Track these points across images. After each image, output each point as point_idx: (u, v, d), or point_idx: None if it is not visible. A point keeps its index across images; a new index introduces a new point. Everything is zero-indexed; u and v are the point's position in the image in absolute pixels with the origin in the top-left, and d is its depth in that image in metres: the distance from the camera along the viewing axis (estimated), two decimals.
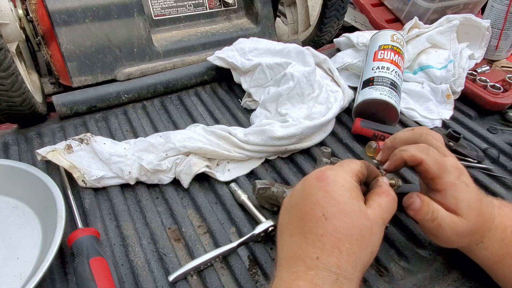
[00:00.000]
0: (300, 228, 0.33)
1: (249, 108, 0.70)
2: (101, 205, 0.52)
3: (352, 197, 0.34)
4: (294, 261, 0.32)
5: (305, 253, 0.32)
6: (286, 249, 0.34)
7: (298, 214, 0.34)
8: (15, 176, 0.51)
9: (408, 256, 0.46)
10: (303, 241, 0.32)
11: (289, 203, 0.36)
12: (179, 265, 0.44)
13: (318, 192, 0.33)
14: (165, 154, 0.53)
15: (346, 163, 0.37)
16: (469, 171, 0.58)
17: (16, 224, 0.48)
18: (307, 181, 0.35)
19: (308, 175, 0.36)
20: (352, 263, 0.32)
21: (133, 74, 0.70)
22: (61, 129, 0.63)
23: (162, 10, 0.75)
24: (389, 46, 0.69)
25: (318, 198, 0.33)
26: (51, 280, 0.43)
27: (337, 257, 0.31)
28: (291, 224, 0.34)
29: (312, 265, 0.31)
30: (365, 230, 0.33)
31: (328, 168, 0.36)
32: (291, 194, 0.37)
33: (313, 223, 0.32)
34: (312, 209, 0.33)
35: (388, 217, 0.37)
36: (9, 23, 0.62)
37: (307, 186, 0.35)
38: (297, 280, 0.31)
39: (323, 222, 0.32)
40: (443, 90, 0.70)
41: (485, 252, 0.40)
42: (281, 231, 0.36)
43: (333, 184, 0.34)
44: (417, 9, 0.90)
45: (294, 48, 0.67)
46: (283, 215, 0.37)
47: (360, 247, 0.32)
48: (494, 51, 0.82)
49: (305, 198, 0.34)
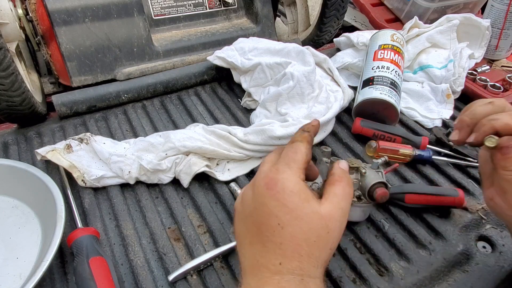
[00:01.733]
0: (259, 238, 0.33)
1: (249, 108, 0.70)
2: (101, 204, 0.52)
3: (302, 200, 0.34)
4: (258, 269, 0.33)
5: (268, 261, 0.32)
6: (248, 258, 0.34)
7: (255, 224, 0.34)
8: (15, 176, 0.51)
9: (408, 256, 0.46)
10: (264, 249, 0.33)
11: (242, 211, 0.36)
12: (179, 264, 0.44)
13: (270, 202, 0.33)
14: (165, 153, 0.53)
15: (292, 159, 0.36)
16: (469, 170, 0.59)
17: (16, 223, 0.48)
18: (257, 190, 0.35)
19: (257, 180, 0.36)
20: (313, 263, 0.33)
21: (133, 73, 0.70)
22: (61, 128, 0.63)
23: (162, 9, 0.75)
24: (389, 45, 0.69)
25: (271, 208, 0.33)
26: (50, 280, 0.43)
27: (299, 261, 0.32)
28: (249, 234, 0.35)
29: (276, 270, 0.32)
30: (321, 230, 0.33)
31: (275, 171, 0.35)
32: (242, 201, 0.37)
33: (271, 233, 0.33)
34: (268, 219, 0.33)
35: (347, 204, 0.37)
36: (9, 22, 0.62)
37: (258, 195, 0.35)
38: (264, 286, 0.31)
39: (279, 231, 0.33)
40: (443, 89, 0.69)
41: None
42: (240, 240, 0.36)
43: (282, 192, 0.34)
44: (417, 9, 0.90)
45: (294, 47, 0.67)
46: (238, 223, 0.37)
47: (319, 247, 0.33)
48: (494, 51, 0.82)
49: (258, 208, 0.34)
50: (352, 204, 0.47)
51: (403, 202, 0.52)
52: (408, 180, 0.57)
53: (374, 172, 0.47)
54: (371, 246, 0.47)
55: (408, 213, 0.52)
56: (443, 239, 0.49)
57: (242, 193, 0.38)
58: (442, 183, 0.56)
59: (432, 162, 0.59)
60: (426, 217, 0.51)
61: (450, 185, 0.56)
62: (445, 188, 0.55)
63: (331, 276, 0.44)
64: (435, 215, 0.52)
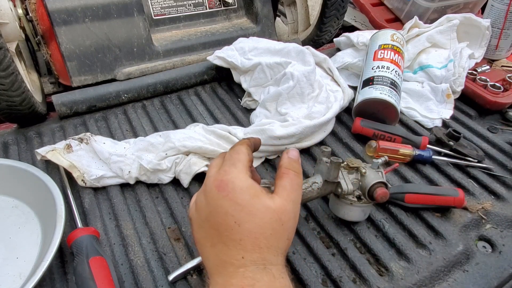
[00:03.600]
0: (219, 238, 0.35)
1: (249, 108, 0.70)
2: (101, 204, 0.51)
3: (253, 196, 0.35)
4: (223, 266, 0.34)
5: (231, 257, 0.34)
6: (212, 259, 0.36)
7: (213, 226, 0.36)
8: (15, 176, 0.51)
9: (408, 255, 0.46)
10: (225, 248, 0.35)
11: (198, 218, 0.37)
12: (179, 264, 0.44)
13: (224, 202, 0.35)
14: (165, 153, 0.53)
15: (237, 159, 0.38)
16: (469, 170, 0.59)
17: (16, 223, 0.48)
18: (209, 194, 0.36)
19: (207, 185, 0.37)
20: (273, 253, 0.35)
21: (133, 73, 0.70)
22: (61, 128, 0.63)
23: (162, 9, 0.75)
24: (389, 45, 0.69)
25: (226, 208, 0.35)
26: (50, 280, 0.43)
27: (259, 252, 0.34)
28: (209, 237, 0.36)
29: (240, 264, 0.34)
30: (275, 223, 0.35)
31: (223, 173, 0.36)
32: (196, 208, 0.38)
33: (229, 231, 0.34)
34: (224, 219, 0.35)
35: (297, 195, 0.38)
36: (9, 22, 0.62)
37: (212, 199, 0.36)
38: (230, 280, 0.33)
39: (237, 228, 0.34)
40: (443, 89, 0.69)
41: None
42: (201, 245, 0.37)
43: (233, 191, 0.35)
44: (417, 9, 0.90)
45: (294, 47, 0.67)
46: (197, 230, 0.38)
47: (276, 238, 0.35)
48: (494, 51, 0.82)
49: (214, 211, 0.36)
50: (352, 204, 0.47)
51: (403, 202, 0.51)
52: (408, 180, 0.57)
53: (374, 172, 0.47)
54: (371, 246, 0.47)
55: (408, 213, 0.52)
56: (443, 239, 0.49)
57: (195, 201, 0.39)
58: (442, 183, 0.56)
59: (432, 162, 0.59)
60: (426, 217, 0.51)
61: (450, 185, 0.56)
62: (445, 188, 0.55)
63: (331, 276, 0.44)
64: (435, 215, 0.52)
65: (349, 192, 0.46)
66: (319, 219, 0.50)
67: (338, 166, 0.44)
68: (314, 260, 0.46)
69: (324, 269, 0.45)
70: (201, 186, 0.39)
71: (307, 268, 0.45)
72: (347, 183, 0.46)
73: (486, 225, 0.51)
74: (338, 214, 0.49)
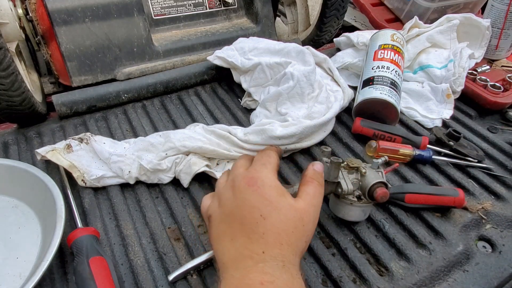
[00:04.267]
0: (242, 231, 0.36)
1: (249, 108, 0.70)
2: (101, 204, 0.51)
3: (279, 194, 0.38)
4: (242, 260, 0.35)
5: (252, 251, 0.35)
6: (230, 253, 0.36)
7: (237, 219, 0.37)
8: (15, 176, 0.51)
9: (408, 255, 0.46)
10: (247, 241, 0.35)
11: (221, 212, 0.39)
12: (179, 264, 0.44)
13: (252, 196, 0.37)
14: (165, 153, 0.53)
15: (267, 161, 0.41)
16: (469, 170, 0.59)
17: (16, 223, 0.48)
18: (238, 189, 0.38)
19: (236, 181, 0.39)
20: (292, 251, 0.36)
21: (133, 73, 0.70)
22: (61, 128, 0.63)
23: (162, 9, 0.75)
24: (389, 45, 0.69)
25: (253, 202, 0.37)
26: (50, 280, 0.43)
27: (280, 248, 0.35)
28: (230, 230, 0.37)
29: (259, 259, 0.34)
30: (297, 222, 0.37)
31: (253, 171, 0.39)
32: (221, 204, 0.39)
33: (254, 224, 0.36)
34: (250, 212, 0.36)
35: (318, 201, 0.41)
36: (9, 22, 0.61)
37: (240, 193, 0.38)
38: (248, 274, 0.33)
39: (262, 221, 0.36)
40: (443, 89, 0.69)
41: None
42: (218, 239, 0.38)
43: (262, 187, 0.37)
44: (417, 9, 0.90)
45: (294, 47, 0.67)
46: (217, 225, 0.39)
47: (296, 237, 0.37)
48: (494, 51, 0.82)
49: (241, 203, 0.37)
50: (352, 204, 0.47)
51: (403, 202, 0.51)
52: (408, 180, 0.57)
53: (374, 172, 0.47)
54: (371, 246, 0.47)
55: (408, 213, 0.52)
56: (443, 239, 0.49)
57: (218, 198, 0.40)
58: (442, 183, 0.56)
59: (432, 162, 0.59)
60: (426, 217, 0.51)
61: (450, 185, 0.56)
62: (445, 188, 0.55)
63: (331, 276, 0.44)
64: (435, 215, 0.52)
65: (349, 192, 0.46)
66: (319, 219, 0.50)
67: (338, 166, 0.44)
68: (314, 260, 0.46)
69: (324, 269, 0.45)
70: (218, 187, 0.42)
71: (307, 268, 0.45)
72: (347, 183, 0.46)
73: (486, 225, 0.51)
74: (338, 214, 0.49)
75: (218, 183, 0.43)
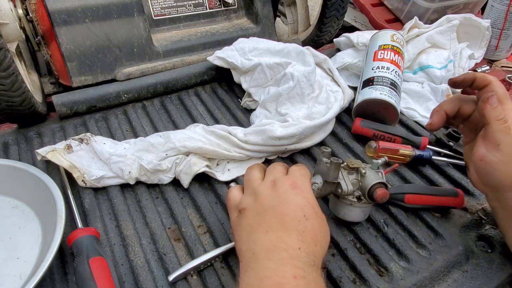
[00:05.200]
0: (280, 226, 0.38)
1: (249, 108, 0.70)
2: (101, 205, 0.52)
3: (317, 204, 0.41)
4: (276, 252, 0.36)
5: (287, 245, 0.36)
6: (261, 244, 0.37)
7: (277, 215, 0.39)
8: (15, 176, 0.51)
9: (408, 256, 0.46)
10: (286, 235, 0.37)
11: (259, 206, 0.40)
12: (179, 265, 0.44)
13: (297, 198, 0.40)
14: (165, 154, 0.53)
15: (306, 174, 0.44)
16: None
17: (16, 224, 0.48)
18: (281, 189, 0.40)
19: (278, 182, 0.41)
20: (320, 255, 0.38)
21: (133, 74, 0.70)
22: (61, 129, 0.63)
23: (162, 10, 0.75)
24: (389, 46, 0.69)
25: (298, 202, 0.39)
26: (51, 280, 0.43)
27: (314, 249, 0.37)
28: (266, 224, 0.39)
29: (294, 254, 0.36)
30: (327, 232, 0.41)
31: (294, 178, 0.42)
32: (259, 198, 0.41)
33: (296, 222, 0.38)
34: (294, 210, 0.39)
35: None
36: (9, 23, 0.62)
37: (284, 192, 0.40)
38: (282, 267, 0.35)
39: (304, 221, 0.38)
40: (443, 90, 0.69)
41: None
42: (251, 230, 0.39)
43: (306, 192, 0.41)
44: (417, 9, 0.90)
45: (294, 48, 0.67)
46: (252, 217, 0.40)
47: (325, 243, 0.40)
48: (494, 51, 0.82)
49: (284, 202, 0.39)
50: (352, 204, 0.47)
51: (403, 202, 0.52)
52: (408, 180, 0.57)
53: (374, 173, 0.47)
54: (371, 246, 0.47)
55: (408, 214, 0.52)
56: (443, 239, 0.49)
57: (254, 193, 0.42)
58: (442, 183, 0.56)
59: (432, 162, 0.59)
60: (426, 218, 0.51)
61: (450, 185, 0.56)
62: (445, 188, 0.55)
63: (331, 276, 0.44)
64: (435, 216, 0.52)
65: (349, 193, 0.46)
66: None
67: (338, 166, 0.44)
68: None
69: (324, 269, 0.45)
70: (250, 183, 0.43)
71: None
72: (347, 183, 0.46)
73: (485, 225, 0.51)
74: (338, 215, 0.49)
75: (251, 180, 0.44)
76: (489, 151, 0.41)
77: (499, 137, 0.40)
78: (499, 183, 0.42)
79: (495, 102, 0.41)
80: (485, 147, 0.42)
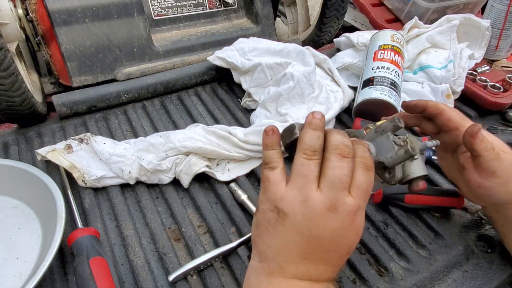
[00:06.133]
0: (321, 258, 0.35)
1: (249, 108, 0.70)
2: (101, 205, 0.52)
3: None
4: (307, 276, 0.35)
5: (320, 274, 0.35)
6: (294, 266, 0.34)
7: (323, 247, 0.34)
8: (15, 176, 0.51)
9: (408, 256, 0.46)
10: (323, 268, 0.35)
11: (306, 228, 0.34)
12: (179, 265, 0.45)
13: (351, 235, 0.35)
14: (165, 154, 0.53)
15: (371, 186, 0.36)
16: None
17: (16, 224, 0.48)
18: (339, 218, 0.33)
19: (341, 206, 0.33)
20: (340, 268, 0.37)
21: (133, 74, 0.70)
22: (61, 129, 0.63)
23: (162, 10, 0.75)
24: (389, 46, 0.69)
25: (351, 241, 0.35)
26: (51, 280, 0.43)
27: (338, 270, 0.37)
28: (306, 248, 0.34)
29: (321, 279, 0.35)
30: None
31: (362, 198, 0.34)
32: (309, 216, 0.33)
33: (338, 259, 0.36)
34: (342, 249, 0.35)
35: None
36: (9, 23, 0.62)
37: (341, 225, 0.34)
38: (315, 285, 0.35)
39: (346, 256, 0.36)
40: (443, 90, 0.69)
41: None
42: (287, 245, 0.34)
43: (361, 226, 0.35)
44: (417, 9, 0.90)
45: (294, 48, 0.67)
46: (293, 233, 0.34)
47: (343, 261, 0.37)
48: (494, 51, 0.82)
49: (338, 237, 0.34)
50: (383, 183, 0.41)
51: (403, 202, 0.52)
52: None
53: (421, 160, 0.41)
54: (371, 246, 0.47)
55: (408, 214, 0.52)
56: (443, 239, 0.49)
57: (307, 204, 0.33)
58: (442, 183, 0.56)
59: (432, 162, 0.59)
60: (426, 218, 0.51)
61: (450, 185, 0.56)
62: (445, 188, 0.55)
63: None
64: (435, 216, 0.52)
65: (396, 181, 0.40)
66: None
67: (406, 157, 0.37)
68: None
69: None
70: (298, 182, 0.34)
71: None
72: (399, 170, 0.39)
73: (485, 225, 0.51)
74: None
75: (306, 176, 0.34)
76: (485, 178, 0.42)
77: (493, 165, 0.41)
78: (498, 200, 0.43)
79: (481, 135, 0.41)
80: (478, 175, 0.42)
